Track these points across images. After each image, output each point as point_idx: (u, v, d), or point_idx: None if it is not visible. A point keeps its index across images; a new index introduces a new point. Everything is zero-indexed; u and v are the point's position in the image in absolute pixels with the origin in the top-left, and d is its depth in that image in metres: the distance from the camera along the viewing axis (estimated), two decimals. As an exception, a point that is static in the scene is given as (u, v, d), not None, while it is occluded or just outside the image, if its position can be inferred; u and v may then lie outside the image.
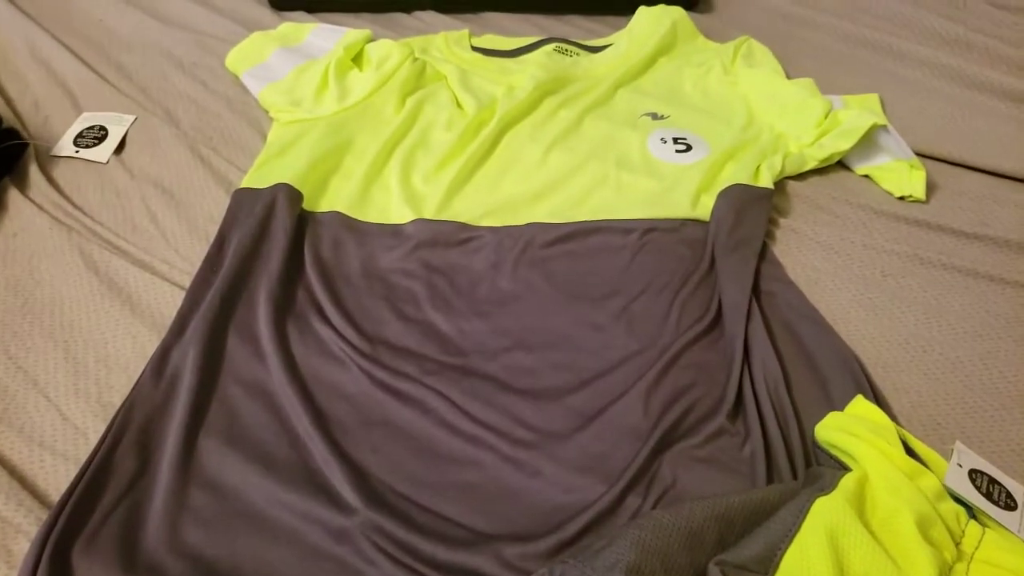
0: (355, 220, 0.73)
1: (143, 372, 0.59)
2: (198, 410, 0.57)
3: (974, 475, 0.53)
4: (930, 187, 0.81)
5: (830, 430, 0.54)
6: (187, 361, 0.59)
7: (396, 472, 0.55)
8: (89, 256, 0.70)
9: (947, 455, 0.58)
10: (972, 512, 0.50)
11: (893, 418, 0.59)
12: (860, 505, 0.47)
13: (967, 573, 0.45)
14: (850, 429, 0.53)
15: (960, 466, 0.53)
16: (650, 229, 0.73)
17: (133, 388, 0.58)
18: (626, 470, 0.54)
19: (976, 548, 0.47)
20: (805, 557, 0.43)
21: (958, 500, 0.50)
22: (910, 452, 0.53)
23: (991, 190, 0.82)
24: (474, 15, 1.10)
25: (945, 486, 0.50)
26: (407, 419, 0.58)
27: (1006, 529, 0.50)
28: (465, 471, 0.55)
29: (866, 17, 1.09)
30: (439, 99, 0.87)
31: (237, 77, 0.91)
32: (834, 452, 0.53)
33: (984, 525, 0.49)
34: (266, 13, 1.06)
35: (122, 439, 0.55)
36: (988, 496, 0.52)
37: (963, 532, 0.47)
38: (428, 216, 0.74)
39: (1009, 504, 0.52)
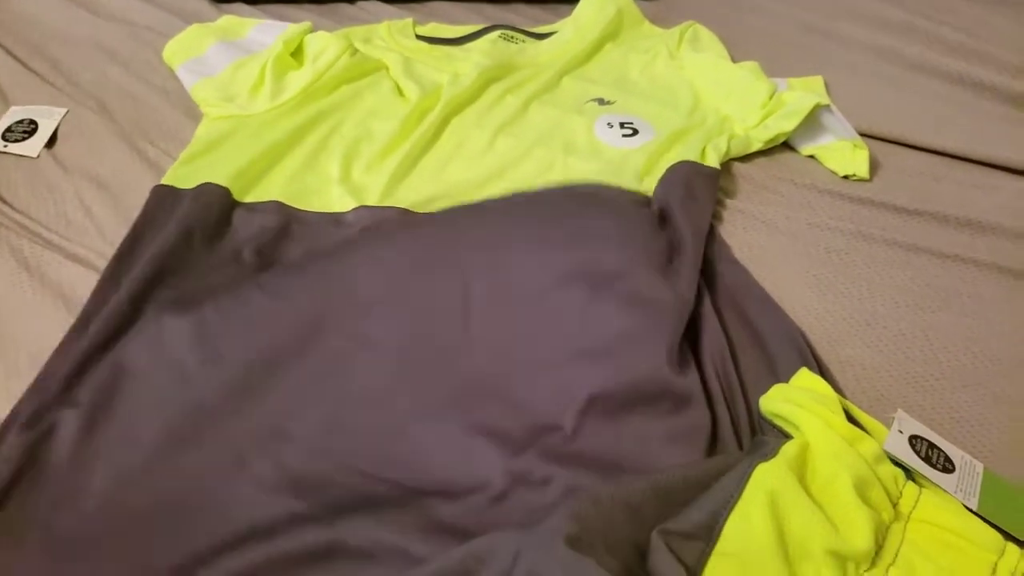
0: (295, 209, 0.73)
1: (38, 375, 0.58)
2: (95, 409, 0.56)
3: (914, 440, 0.54)
4: (873, 166, 0.83)
5: (774, 401, 0.55)
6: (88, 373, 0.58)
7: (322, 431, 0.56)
8: (19, 252, 0.69)
9: (890, 424, 0.59)
10: (911, 475, 0.52)
11: (838, 391, 0.60)
12: (801, 470, 0.48)
13: (904, 532, 0.46)
14: (793, 399, 0.54)
15: (901, 432, 0.54)
16: None
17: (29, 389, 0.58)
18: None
19: (913, 508, 0.48)
20: (747, 522, 0.44)
21: (897, 464, 0.52)
22: (853, 422, 0.54)
23: (931, 168, 0.84)
24: (419, 4, 1.10)
25: (885, 451, 0.51)
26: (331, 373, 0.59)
27: (943, 490, 0.51)
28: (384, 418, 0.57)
29: (810, 2, 1.11)
30: (380, 88, 0.86)
31: (173, 71, 0.90)
32: (778, 422, 0.54)
33: (922, 487, 0.50)
34: (205, 5, 1.05)
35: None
36: (927, 460, 0.53)
37: (900, 493, 0.48)
38: (371, 203, 0.73)
39: (947, 467, 0.53)
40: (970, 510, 0.51)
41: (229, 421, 0.56)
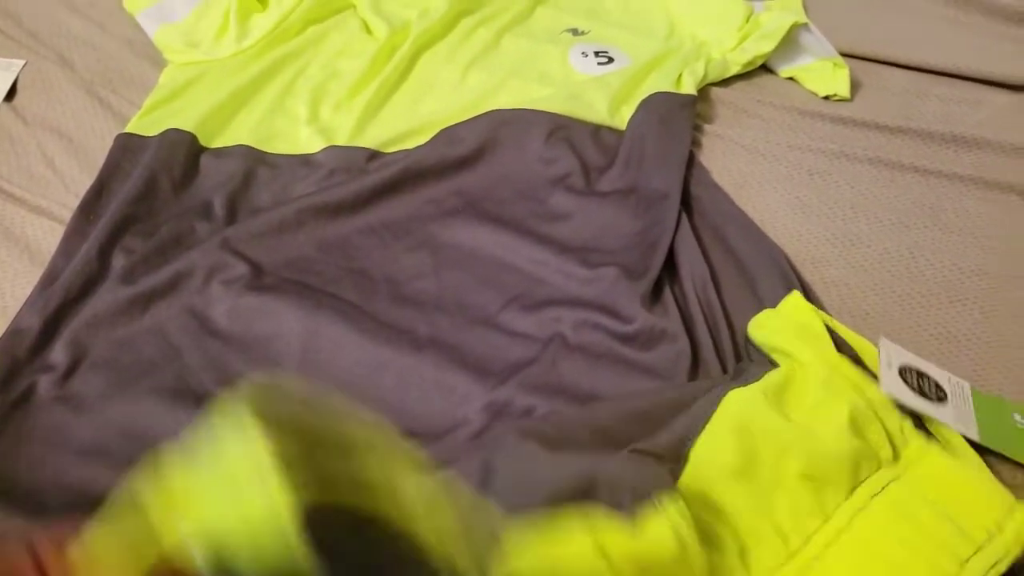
0: (263, 152, 0.71)
1: (7, 331, 0.56)
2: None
3: (904, 373, 0.52)
4: (854, 85, 0.81)
5: (766, 331, 0.54)
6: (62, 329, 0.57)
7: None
8: (-19, 205, 0.67)
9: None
10: (923, 426, 0.50)
11: (823, 311, 0.59)
12: (781, 396, 0.46)
13: (902, 473, 0.45)
14: (795, 334, 0.52)
15: (890, 367, 0.52)
16: (563, 126, 0.72)
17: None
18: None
19: (919, 460, 0.46)
20: (713, 447, 0.43)
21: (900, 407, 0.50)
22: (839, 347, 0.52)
23: (914, 85, 0.82)
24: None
25: (884, 393, 0.49)
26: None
27: (942, 423, 0.50)
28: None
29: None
30: (347, 26, 0.84)
31: (134, 18, 0.87)
32: (774, 354, 0.52)
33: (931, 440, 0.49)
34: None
35: None
36: (921, 392, 0.51)
37: (906, 442, 0.47)
38: (341, 143, 0.71)
39: (940, 396, 0.52)
40: (972, 443, 0.49)
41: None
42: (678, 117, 0.74)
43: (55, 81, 0.79)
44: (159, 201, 0.66)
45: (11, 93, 0.78)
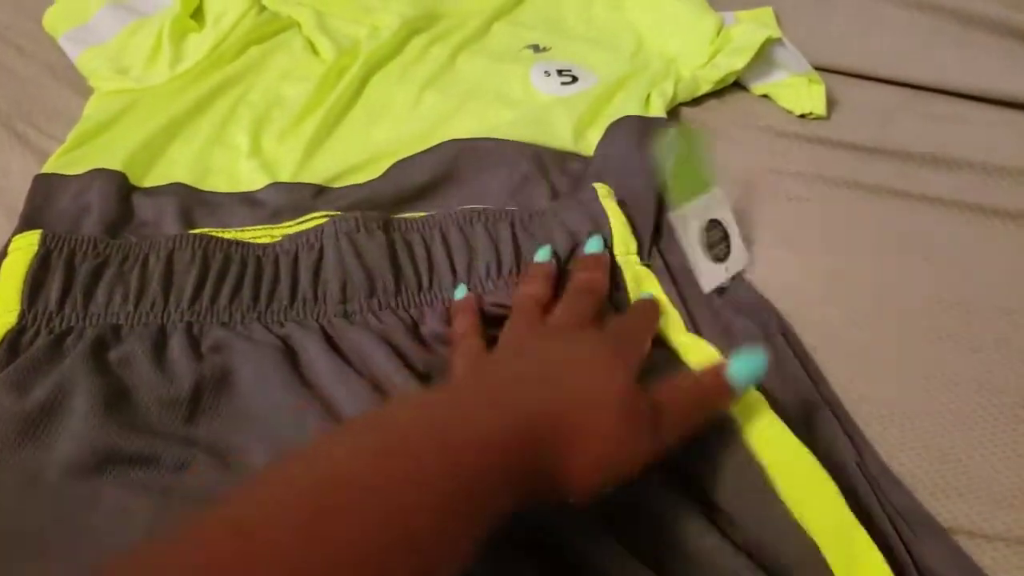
0: (200, 191, 0.67)
1: None
2: None
3: (712, 224, 0.59)
4: (831, 102, 0.79)
5: None
6: None
7: None
8: None
9: (858, 388, 0.56)
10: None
11: (807, 354, 0.57)
12: None
13: None
14: None
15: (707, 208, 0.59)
16: (527, 155, 0.69)
17: None
18: None
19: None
20: None
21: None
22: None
23: (895, 100, 0.80)
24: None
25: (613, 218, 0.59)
26: None
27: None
28: None
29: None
30: (291, 47, 0.80)
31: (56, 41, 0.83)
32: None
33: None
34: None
35: None
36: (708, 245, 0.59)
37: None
38: (285, 179, 0.68)
39: (719, 258, 0.59)
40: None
41: None
42: (648, 141, 0.71)
43: (-32, 112, 0.75)
44: None
45: (-80, 127, 0.74)
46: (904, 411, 0.55)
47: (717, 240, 0.60)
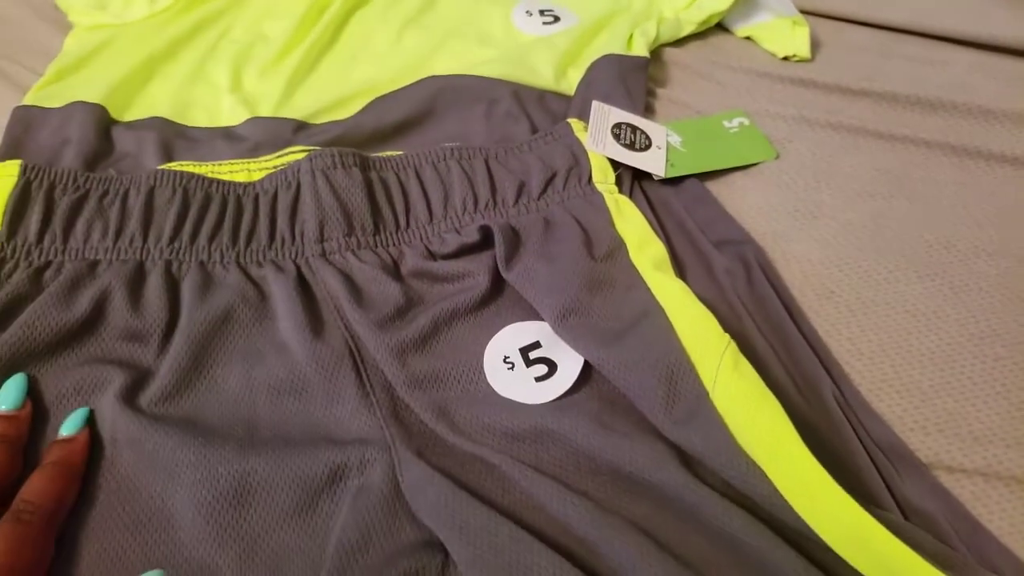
0: (180, 125, 0.63)
1: None
2: None
3: (618, 128, 0.60)
4: (815, 44, 0.75)
5: None
6: None
7: None
8: None
9: (839, 327, 0.54)
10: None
11: (786, 287, 0.55)
12: None
13: None
14: None
15: (604, 125, 0.60)
16: (506, 93, 0.65)
17: None
18: None
19: None
20: None
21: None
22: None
23: (878, 44, 0.76)
24: None
25: (591, 148, 0.57)
26: None
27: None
28: None
29: None
30: (273, -17, 0.76)
31: (38, -24, 0.78)
32: None
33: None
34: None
35: None
36: (629, 145, 0.59)
37: None
38: (265, 114, 0.64)
39: (645, 145, 0.60)
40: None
41: None
42: (630, 80, 0.68)
43: (-52, 49, 0.71)
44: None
45: None
46: (884, 350, 0.52)
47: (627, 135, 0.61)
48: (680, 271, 0.54)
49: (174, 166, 0.54)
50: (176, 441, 0.42)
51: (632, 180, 0.59)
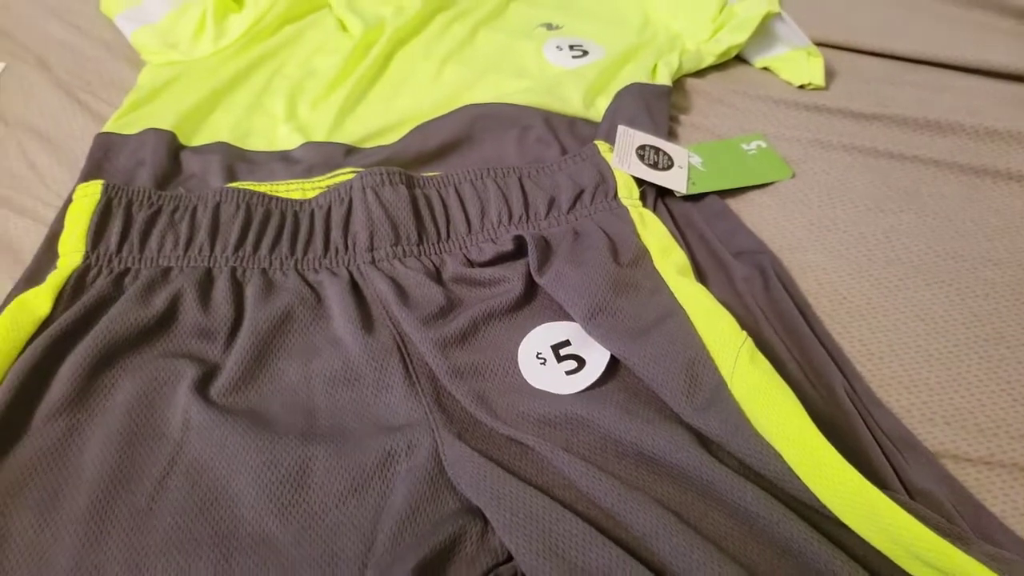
0: (241, 149, 0.68)
1: None
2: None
3: (642, 150, 0.63)
4: (828, 74, 0.78)
5: None
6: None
7: None
8: (-36, 206, 0.64)
9: (851, 329, 0.56)
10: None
11: (802, 295, 0.57)
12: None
13: None
14: None
15: (629, 148, 0.63)
16: (538, 118, 0.69)
17: None
18: None
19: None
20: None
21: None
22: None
23: (887, 72, 0.79)
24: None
25: (617, 166, 0.61)
26: None
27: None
28: None
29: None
30: (323, 25, 0.81)
31: (112, 21, 0.84)
32: None
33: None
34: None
35: None
36: (653, 165, 0.63)
37: None
38: (318, 139, 0.69)
39: (668, 165, 0.63)
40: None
41: None
42: (654, 106, 0.71)
43: (34, 83, 0.77)
44: None
45: (-10, 95, 0.75)
46: (894, 350, 0.55)
47: (651, 156, 0.64)
48: (701, 278, 0.57)
49: (237, 185, 0.58)
50: (243, 429, 0.45)
51: (656, 197, 0.62)
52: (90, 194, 0.55)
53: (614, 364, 0.50)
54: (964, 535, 0.39)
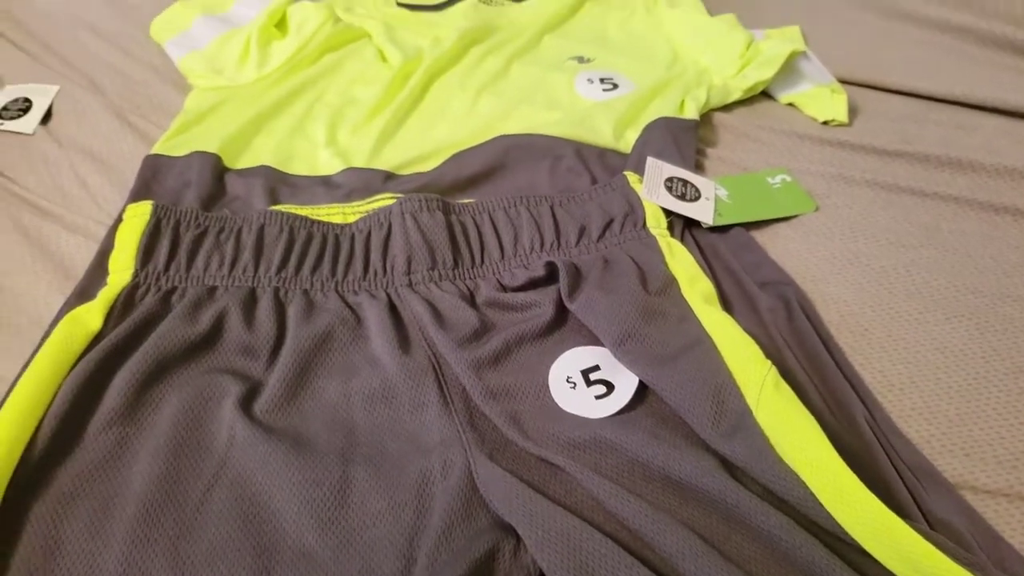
0: (283, 173, 0.70)
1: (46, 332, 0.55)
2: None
3: (670, 182, 0.65)
4: (852, 111, 0.80)
5: None
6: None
7: None
8: (20, 222, 0.67)
9: (871, 360, 0.57)
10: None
11: (824, 326, 0.58)
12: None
13: None
14: None
15: (658, 179, 0.65)
16: (570, 149, 0.71)
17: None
18: None
19: None
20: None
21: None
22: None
23: (911, 110, 0.81)
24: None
25: (646, 198, 0.63)
26: None
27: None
28: None
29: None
30: (363, 55, 0.84)
31: (161, 47, 0.87)
32: None
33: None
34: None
35: None
36: (680, 196, 0.65)
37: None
38: (358, 165, 0.71)
39: (695, 196, 0.65)
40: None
41: None
42: (682, 139, 0.73)
43: (86, 105, 0.80)
44: None
45: (46, 116, 0.78)
46: (914, 382, 0.56)
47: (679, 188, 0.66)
48: (727, 308, 0.58)
49: (280, 208, 0.60)
50: (286, 447, 0.47)
51: (683, 227, 0.64)
52: (140, 214, 0.57)
53: (642, 390, 0.51)
54: (984, 565, 0.40)
